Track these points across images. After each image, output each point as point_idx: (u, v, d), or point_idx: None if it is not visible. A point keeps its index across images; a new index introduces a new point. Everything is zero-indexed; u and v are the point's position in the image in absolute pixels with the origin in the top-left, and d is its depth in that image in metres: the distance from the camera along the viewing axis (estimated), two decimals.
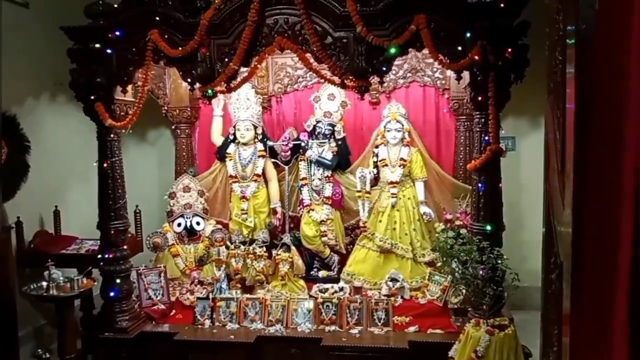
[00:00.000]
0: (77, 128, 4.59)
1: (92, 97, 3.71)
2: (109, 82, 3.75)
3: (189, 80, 3.66)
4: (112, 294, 3.89)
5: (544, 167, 1.80)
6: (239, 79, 3.68)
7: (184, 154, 5.20)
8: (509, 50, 3.23)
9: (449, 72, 4.54)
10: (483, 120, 3.46)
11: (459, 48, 3.33)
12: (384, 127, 4.55)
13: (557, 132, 1.60)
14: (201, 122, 5.28)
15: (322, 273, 4.65)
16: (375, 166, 4.61)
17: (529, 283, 3.43)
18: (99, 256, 3.93)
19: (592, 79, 1.27)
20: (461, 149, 4.70)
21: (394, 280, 4.20)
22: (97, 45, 3.65)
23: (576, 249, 1.31)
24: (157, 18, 3.57)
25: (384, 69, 3.47)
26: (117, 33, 3.63)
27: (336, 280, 4.49)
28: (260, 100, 4.83)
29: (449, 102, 4.69)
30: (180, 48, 3.54)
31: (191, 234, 4.74)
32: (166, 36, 3.58)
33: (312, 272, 4.65)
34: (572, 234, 1.31)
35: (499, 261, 3.26)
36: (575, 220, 1.31)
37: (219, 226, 4.80)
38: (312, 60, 3.57)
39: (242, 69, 3.66)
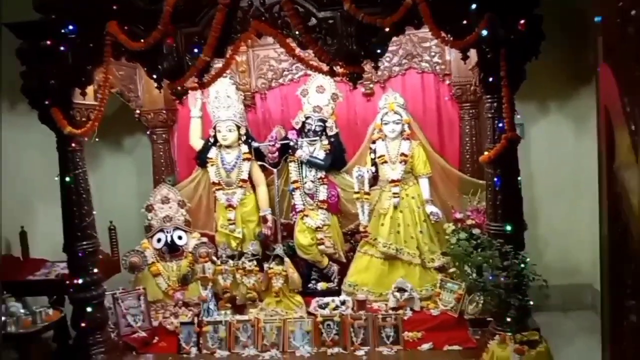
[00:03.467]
0: (42, 140, 4.15)
1: (47, 102, 3.41)
2: (65, 84, 3.46)
3: (154, 76, 3.36)
4: (83, 324, 3.56)
5: (603, 156, 1.35)
6: (212, 72, 3.34)
7: (162, 161, 4.85)
8: (521, 22, 2.95)
9: (449, 56, 4.34)
10: (495, 104, 3.17)
11: (464, 22, 3.04)
12: (381, 119, 4.32)
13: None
14: (179, 125, 4.95)
15: (321, 285, 4.40)
16: (374, 164, 4.36)
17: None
18: (67, 282, 3.61)
19: None
20: (467, 139, 4.46)
21: (401, 290, 3.94)
22: (48, 43, 3.35)
23: None
24: (115, 7, 3.28)
25: (378, 51, 3.18)
26: (71, 27, 3.35)
27: (337, 292, 4.26)
28: (242, 98, 4.57)
29: (451, 88, 4.47)
30: (142, 40, 3.21)
31: (173, 250, 4.44)
32: (126, 27, 3.27)
33: (309, 286, 4.40)
34: None
35: (524, 266, 2.86)
36: None
37: (204, 239, 4.51)
38: (295, 46, 3.25)
39: (216, 61, 3.33)
